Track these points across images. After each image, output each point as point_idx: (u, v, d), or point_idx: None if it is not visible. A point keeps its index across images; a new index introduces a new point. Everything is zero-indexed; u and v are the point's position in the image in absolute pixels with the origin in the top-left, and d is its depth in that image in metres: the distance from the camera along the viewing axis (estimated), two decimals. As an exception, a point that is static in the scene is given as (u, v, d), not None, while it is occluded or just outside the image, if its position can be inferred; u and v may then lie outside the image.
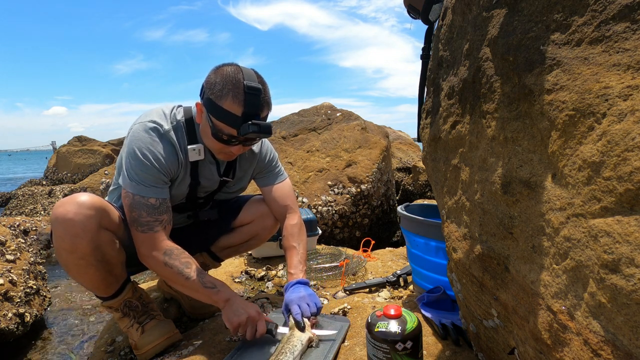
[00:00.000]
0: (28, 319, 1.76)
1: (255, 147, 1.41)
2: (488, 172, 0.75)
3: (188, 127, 1.23)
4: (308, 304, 1.20)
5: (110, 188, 1.36)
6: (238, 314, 1.12)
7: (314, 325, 1.20)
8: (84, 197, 1.09)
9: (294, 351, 1.06)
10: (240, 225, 1.49)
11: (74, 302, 2.18)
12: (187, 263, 1.15)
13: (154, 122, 1.16)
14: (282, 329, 1.19)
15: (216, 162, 1.32)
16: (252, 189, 2.85)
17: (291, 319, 1.18)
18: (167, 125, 1.18)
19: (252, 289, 1.93)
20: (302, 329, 1.14)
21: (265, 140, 1.46)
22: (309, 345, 1.13)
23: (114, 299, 1.23)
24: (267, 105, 1.16)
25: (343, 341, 1.19)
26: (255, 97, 1.10)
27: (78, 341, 1.77)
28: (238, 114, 1.10)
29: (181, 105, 1.27)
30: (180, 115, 1.23)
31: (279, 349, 1.08)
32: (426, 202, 2.84)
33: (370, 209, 3.19)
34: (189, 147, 1.21)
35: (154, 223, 1.14)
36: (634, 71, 0.50)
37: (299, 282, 1.28)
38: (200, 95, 1.18)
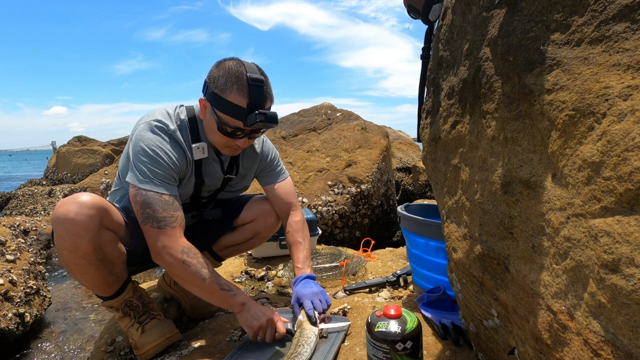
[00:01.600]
0: (28, 319, 1.76)
1: (257, 146, 1.41)
2: (488, 172, 0.75)
3: (191, 126, 1.23)
4: (320, 301, 1.22)
5: (112, 189, 1.36)
6: (257, 317, 1.13)
7: (323, 320, 1.22)
8: (85, 197, 1.09)
9: (310, 343, 1.08)
10: (242, 224, 1.49)
11: (74, 302, 2.18)
12: (204, 263, 1.13)
13: (160, 121, 1.16)
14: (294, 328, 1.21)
15: (220, 159, 1.32)
16: (252, 189, 2.85)
17: (302, 313, 1.20)
18: (172, 125, 1.18)
19: (252, 289, 1.93)
20: (314, 323, 1.16)
21: (267, 139, 1.47)
22: (320, 336, 1.16)
23: (114, 299, 1.23)
24: (270, 97, 1.17)
25: (343, 341, 1.19)
26: (259, 89, 1.12)
27: (78, 342, 1.77)
28: (243, 106, 1.10)
29: (183, 105, 1.27)
30: (183, 115, 1.23)
31: (294, 342, 1.09)
32: (426, 202, 2.84)
33: (370, 209, 3.19)
34: (193, 145, 1.21)
35: (170, 219, 1.12)
36: (634, 71, 0.50)
37: (309, 277, 1.29)
38: (203, 90, 1.18)
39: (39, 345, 1.74)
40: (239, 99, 1.10)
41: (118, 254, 1.18)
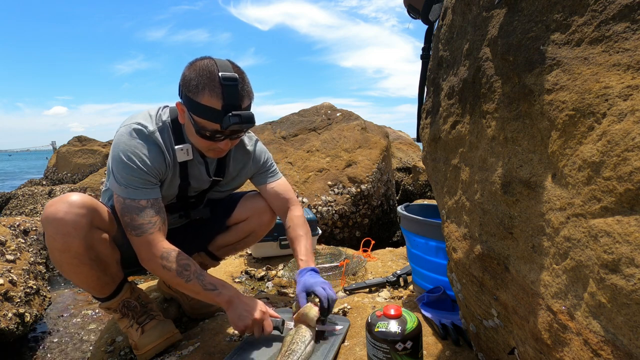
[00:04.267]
0: (28, 319, 1.76)
1: (250, 147, 1.39)
2: (488, 172, 0.75)
3: (174, 127, 1.20)
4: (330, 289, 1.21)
5: (103, 188, 1.35)
6: (243, 319, 1.12)
7: (324, 322, 1.19)
8: (75, 197, 1.09)
9: (305, 341, 1.08)
10: (235, 223, 1.47)
11: (75, 309, 2.17)
12: (185, 265, 1.13)
13: (139, 123, 1.14)
14: (289, 324, 1.20)
15: (205, 162, 1.29)
16: (248, 187, 2.86)
17: (308, 305, 1.16)
18: (152, 127, 1.15)
19: (252, 289, 1.93)
20: (324, 308, 1.15)
21: (259, 142, 1.44)
22: (319, 338, 1.15)
23: (111, 300, 1.22)
24: (248, 95, 1.12)
25: (343, 341, 1.19)
26: (233, 88, 1.07)
27: (78, 342, 1.77)
28: (218, 108, 1.06)
29: (167, 106, 1.25)
30: (165, 116, 1.21)
31: (289, 339, 1.09)
32: (426, 202, 2.84)
33: (370, 209, 3.19)
34: (176, 147, 1.19)
35: (147, 225, 1.12)
36: (634, 71, 0.50)
37: (314, 270, 1.27)
38: (179, 94, 1.15)
39: (40, 355, 1.74)
40: (212, 101, 1.06)
41: (111, 253, 1.18)
